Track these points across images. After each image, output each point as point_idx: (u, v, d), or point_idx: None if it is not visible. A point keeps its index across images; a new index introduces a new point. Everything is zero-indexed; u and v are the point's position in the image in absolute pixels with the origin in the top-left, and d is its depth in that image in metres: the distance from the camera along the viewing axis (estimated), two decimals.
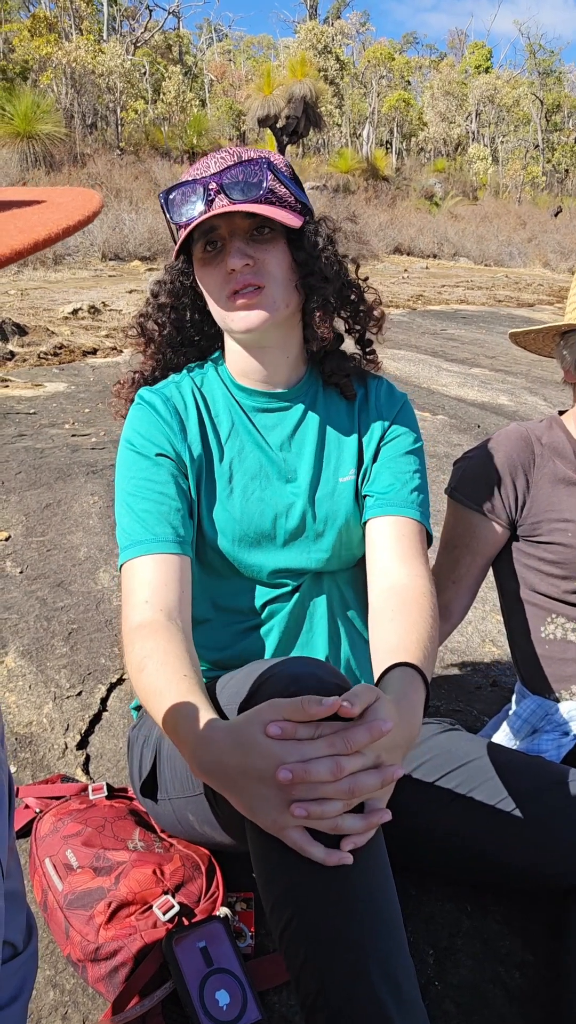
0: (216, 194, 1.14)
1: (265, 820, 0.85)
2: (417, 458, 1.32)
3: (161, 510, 1.20)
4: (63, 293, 9.12)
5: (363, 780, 0.83)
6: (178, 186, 1.15)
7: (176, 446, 1.24)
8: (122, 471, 1.25)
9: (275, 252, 1.17)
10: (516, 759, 1.29)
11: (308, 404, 1.30)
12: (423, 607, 1.15)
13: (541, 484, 1.50)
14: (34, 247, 0.41)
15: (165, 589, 1.15)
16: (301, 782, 0.81)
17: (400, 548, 1.24)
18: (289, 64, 20.14)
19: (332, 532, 1.28)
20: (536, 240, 21.21)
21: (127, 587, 1.17)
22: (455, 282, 14.06)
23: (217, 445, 1.27)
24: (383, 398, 1.34)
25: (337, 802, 0.83)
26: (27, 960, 0.87)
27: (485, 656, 2.26)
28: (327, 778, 0.81)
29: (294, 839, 0.84)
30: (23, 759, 1.73)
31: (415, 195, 26.39)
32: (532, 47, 38.59)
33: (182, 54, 32.94)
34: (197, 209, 1.14)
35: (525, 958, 1.27)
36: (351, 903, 0.86)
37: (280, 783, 0.82)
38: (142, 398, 1.28)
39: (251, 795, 0.86)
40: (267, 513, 1.26)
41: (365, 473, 1.30)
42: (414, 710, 0.98)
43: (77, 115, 21.47)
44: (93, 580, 2.56)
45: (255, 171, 1.13)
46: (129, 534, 1.19)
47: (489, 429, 4.70)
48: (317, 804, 0.82)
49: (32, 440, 3.98)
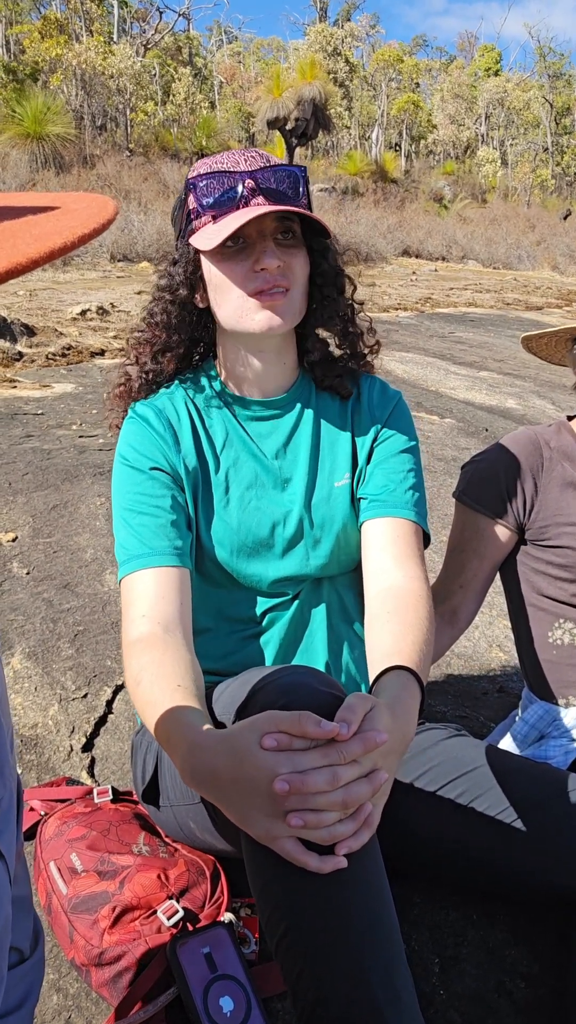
0: (252, 192, 1.13)
1: (257, 830, 0.85)
2: (412, 457, 1.31)
3: (158, 523, 1.19)
4: (72, 294, 9.14)
5: (356, 789, 0.83)
6: (211, 175, 1.14)
7: (171, 459, 1.24)
8: (118, 486, 1.25)
9: (300, 259, 1.18)
10: (523, 766, 1.28)
11: (300, 410, 1.30)
12: (419, 609, 1.15)
13: (550, 488, 1.49)
14: (50, 255, 0.41)
15: (163, 602, 1.14)
16: (297, 793, 0.81)
17: (395, 550, 1.23)
18: (299, 66, 20.19)
19: (330, 537, 1.28)
20: (545, 243, 21.18)
21: (125, 601, 1.17)
22: (463, 285, 14.05)
23: (212, 456, 1.27)
24: (376, 398, 1.33)
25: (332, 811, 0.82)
26: (33, 966, 0.87)
27: (492, 661, 2.25)
28: (324, 788, 0.81)
29: (287, 849, 0.84)
30: (28, 761, 1.73)
31: (424, 198, 26.37)
32: (542, 50, 38.56)
33: (192, 56, 33.02)
34: (233, 201, 1.13)
35: (531, 968, 1.26)
36: (347, 912, 0.86)
37: (276, 794, 0.81)
38: (135, 412, 1.27)
39: (243, 805, 0.85)
40: (264, 522, 1.26)
41: (360, 475, 1.30)
42: (409, 715, 0.97)
43: (87, 116, 21.54)
44: (99, 582, 2.56)
45: (290, 178, 1.14)
46: (127, 549, 1.19)
47: (497, 433, 4.69)
48: (313, 814, 0.82)
49: (39, 441, 3.99)
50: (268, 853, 0.86)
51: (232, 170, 1.14)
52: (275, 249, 1.14)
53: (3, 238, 0.44)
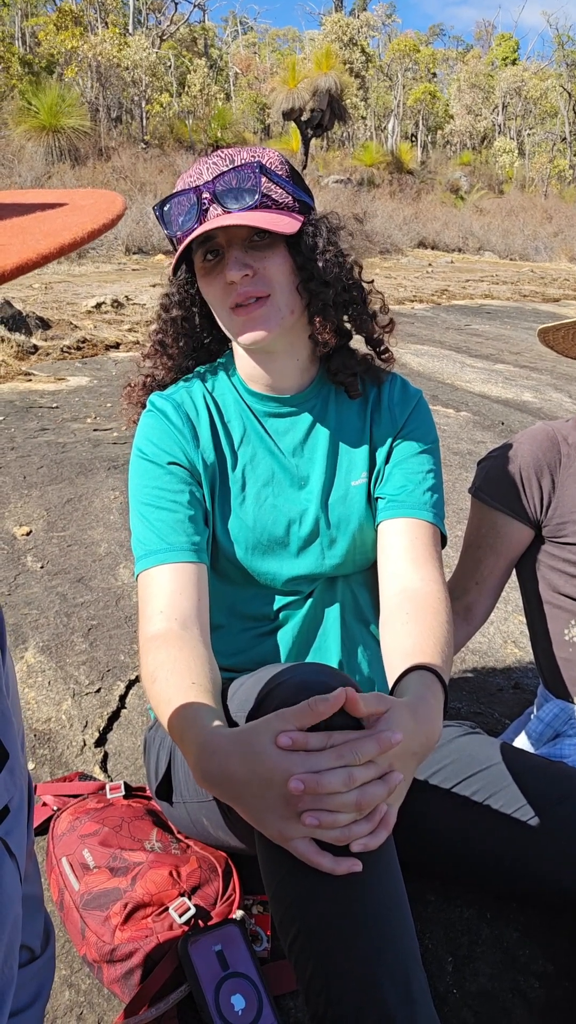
0: (210, 203, 1.10)
1: (271, 830, 0.84)
2: (431, 457, 1.29)
3: (175, 518, 1.18)
4: (87, 287, 9.15)
5: (371, 791, 0.82)
6: (171, 197, 1.12)
7: (189, 454, 1.23)
8: (135, 480, 1.24)
9: (275, 258, 1.13)
10: (538, 764, 1.27)
11: (320, 407, 1.28)
12: (438, 612, 1.14)
13: (567, 484, 1.47)
14: (60, 251, 0.41)
15: (180, 597, 1.14)
16: (312, 793, 0.80)
17: (413, 551, 1.21)
18: (314, 57, 20.09)
19: (345, 537, 1.27)
20: (562, 234, 20.99)
21: (143, 597, 1.17)
22: (480, 276, 13.95)
23: (230, 452, 1.26)
24: (396, 396, 1.30)
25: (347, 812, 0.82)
26: (44, 964, 0.87)
27: (507, 658, 2.24)
28: (339, 789, 0.80)
29: (301, 850, 0.83)
30: (41, 756, 1.74)
31: (440, 189, 26.21)
32: (560, 39, 38.07)
33: (207, 47, 32.92)
34: (191, 220, 1.10)
35: (546, 968, 1.25)
36: (361, 914, 0.85)
37: (290, 794, 0.80)
38: (153, 405, 1.26)
39: (256, 805, 0.84)
40: (280, 520, 1.25)
41: (378, 475, 1.28)
42: (432, 714, 0.96)
43: (102, 109, 21.53)
44: (113, 576, 2.56)
45: (247, 176, 1.09)
46: (144, 544, 1.18)
47: (513, 426, 4.65)
48: (328, 814, 0.81)
49: (54, 434, 3.99)
50: (282, 854, 0.86)
51: (188, 186, 1.11)
52: (241, 256, 1.11)
53: (13, 234, 0.44)
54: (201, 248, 1.14)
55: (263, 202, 1.11)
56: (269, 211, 1.11)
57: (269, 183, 1.13)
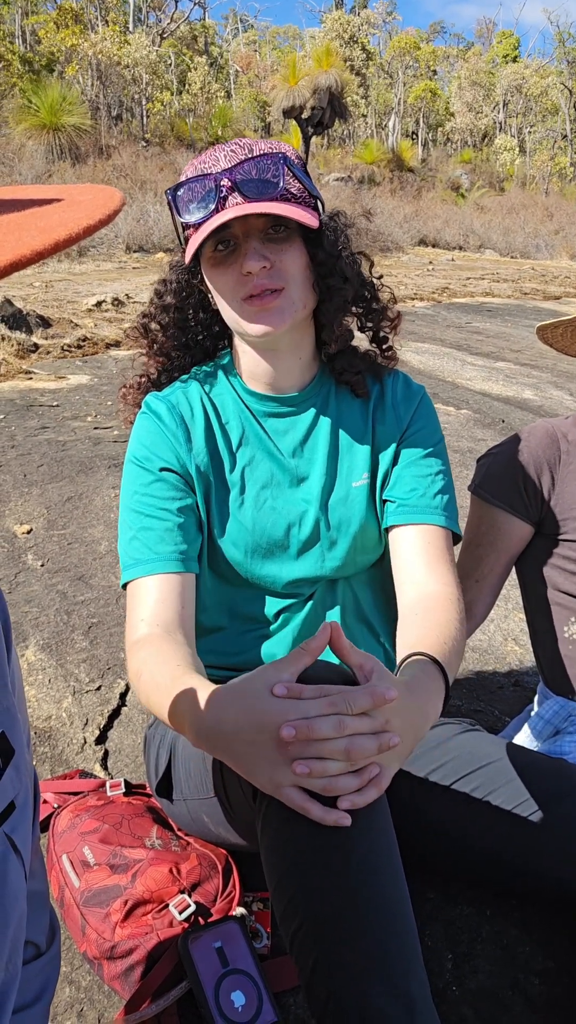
0: (229, 191, 1.07)
1: (262, 779, 0.86)
2: (439, 458, 1.28)
3: (164, 527, 1.18)
4: (87, 285, 9.15)
5: (360, 742, 0.83)
6: (187, 182, 1.09)
7: (182, 458, 1.21)
8: (126, 485, 1.23)
9: (292, 252, 1.11)
10: (538, 761, 1.26)
11: (320, 407, 1.26)
12: (449, 611, 1.14)
13: (567, 481, 1.47)
14: (55, 247, 0.41)
15: (162, 607, 1.14)
16: (304, 739, 0.81)
17: (427, 557, 1.21)
18: (315, 54, 20.03)
19: (346, 539, 1.26)
20: (563, 232, 20.96)
21: (128, 607, 1.17)
22: (481, 274, 13.94)
23: (228, 454, 1.24)
24: (399, 394, 1.29)
25: (337, 761, 0.83)
26: (50, 961, 0.86)
27: (507, 655, 2.24)
28: (329, 735, 0.81)
29: (291, 797, 0.84)
30: (42, 753, 1.74)
31: (441, 186, 26.17)
32: (561, 36, 38.03)
33: (208, 45, 32.89)
34: (209, 208, 1.07)
35: (546, 965, 1.25)
36: (363, 908, 0.85)
37: (282, 740, 0.82)
38: (148, 406, 1.25)
39: (249, 754, 0.86)
40: (280, 523, 1.24)
41: (385, 476, 1.26)
42: (428, 696, 0.96)
43: (103, 107, 21.51)
44: (114, 574, 2.56)
45: (271, 167, 1.07)
46: (130, 553, 1.18)
47: (514, 424, 4.65)
48: (318, 762, 0.82)
49: (55, 433, 3.99)
50: (286, 845, 0.87)
51: (208, 172, 1.08)
52: (260, 248, 1.08)
53: (8, 231, 0.43)
54: (213, 238, 1.10)
55: (284, 195, 1.09)
56: (290, 204, 1.09)
57: (291, 177, 1.11)
